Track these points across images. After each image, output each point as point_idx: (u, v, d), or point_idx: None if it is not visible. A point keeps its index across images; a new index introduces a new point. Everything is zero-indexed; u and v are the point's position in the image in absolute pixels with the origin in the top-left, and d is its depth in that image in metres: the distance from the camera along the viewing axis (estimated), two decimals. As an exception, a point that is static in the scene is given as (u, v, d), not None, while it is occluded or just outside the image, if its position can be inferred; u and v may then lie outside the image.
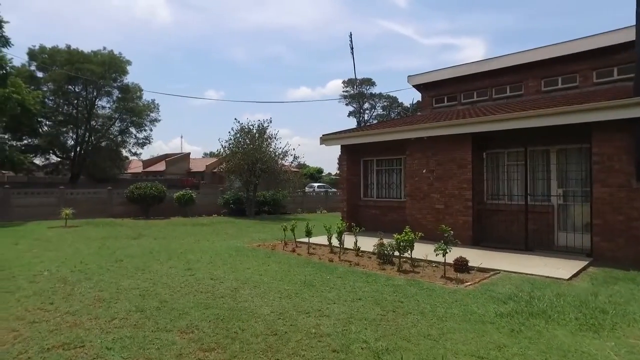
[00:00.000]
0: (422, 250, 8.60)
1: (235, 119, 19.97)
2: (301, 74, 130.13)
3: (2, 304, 5.56)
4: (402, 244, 8.38)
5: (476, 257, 8.68)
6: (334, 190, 33.75)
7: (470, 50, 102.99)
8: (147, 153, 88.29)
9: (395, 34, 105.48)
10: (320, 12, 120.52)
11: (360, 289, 6.61)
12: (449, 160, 11.90)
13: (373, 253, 9.90)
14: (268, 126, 20.92)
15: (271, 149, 20.85)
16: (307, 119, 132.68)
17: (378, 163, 14.98)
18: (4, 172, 44.41)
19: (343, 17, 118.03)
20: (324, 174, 59.73)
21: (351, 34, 35.00)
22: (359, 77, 59.56)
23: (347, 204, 14.87)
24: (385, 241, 9.34)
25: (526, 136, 10.56)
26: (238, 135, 20.71)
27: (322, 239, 11.35)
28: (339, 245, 10.31)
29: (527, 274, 7.72)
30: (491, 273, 7.87)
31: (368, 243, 10.27)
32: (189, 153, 64.36)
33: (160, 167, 58.58)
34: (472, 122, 10.86)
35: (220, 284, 6.80)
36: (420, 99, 18.38)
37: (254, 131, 20.72)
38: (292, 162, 22.10)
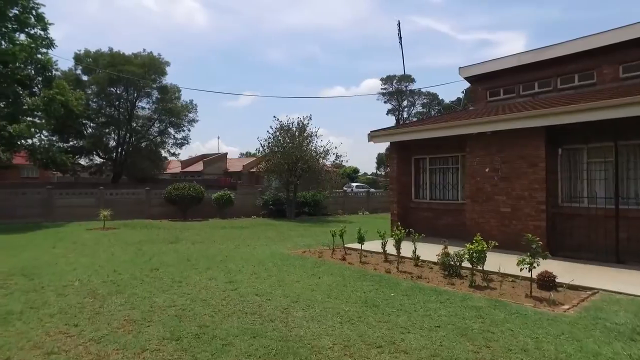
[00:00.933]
0: (489, 261, 7.34)
1: (274, 116, 19.28)
2: (335, 73, 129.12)
3: (23, 325, 4.81)
4: (474, 254, 7.15)
5: (559, 271, 7.31)
6: (372, 190, 32.47)
7: (509, 46, 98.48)
8: (185, 154, 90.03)
9: (431, 30, 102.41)
10: (354, 11, 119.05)
11: (435, 311, 5.46)
12: (518, 158, 10.48)
13: (434, 263, 8.73)
14: (308, 124, 20.02)
15: (312, 148, 19.90)
16: (341, 118, 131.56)
17: (431, 161, 13.68)
18: (53, 172, 46.00)
19: (376, 15, 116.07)
20: (359, 174, 58.43)
21: (399, 23, 32.71)
22: (394, 74, 57.89)
23: (398, 206, 13.66)
24: (451, 250, 8.12)
25: (614, 129, 9.02)
26: (277, 133, 19.89)
27: (373, 245, 10.24)
28: (395, 254, 9.18)
29: (636, 295, 6.30)
30: (588, 293, 6.50)
31: (424, 250, 9.11)
32: (226, 153, 64.84)
33: (198, 167, 59.19)
34: (549, 113, 9.41)
35: (267, 301, 5.83)
36: (463, 93, 16.80)
37: (294, 129, 19.84)
38: (334, 161, 21.04)
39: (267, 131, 20.10)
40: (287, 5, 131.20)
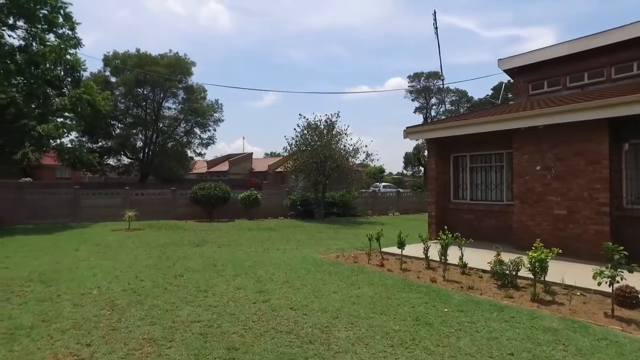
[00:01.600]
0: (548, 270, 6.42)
1: (300, 114, 18.31)
2: (359, 73, 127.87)
3: (31, 343, 4.24)
4: (536, 263, 6.24)
5: (635, 284, 6.29)
6: (402, 190, 31.34)
7: (539, 42, 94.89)
8: (211, 154, 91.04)
9: (456, 28, 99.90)
10: (377, 10, 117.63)
11: (502, 333, 4.61)
12: (575, 154, 9.43)
13: (483, 271, 7.87)
14: (336, 121, 19.25)
15: (341, 146, 19.13)
16: (365, 118, 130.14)
17: (472, 159, 12.69)
18: (85, 173, 46.85)
19: (400, 13, 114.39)
20: (385, 174, 57.25)
21: (435, 12, 30.69)
22: (421, 71, 56.40)
23: (436, 207, 12.72)
24: (506, 258, 7.21)
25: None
26: (305, 131, 19.21)
27: (412, 250, 9.42)
28: (438, 260, 8.34)
29: None
30: (681, 312, 5.49)
31: (469, 256, 8.30)
32: (252, 153, 64.81)
33: (224, 167, 59.31)
34: (618, 103, 8.34)
35: (303, 317, 5.11)
36: (502, 89, 15.68)
37: (321, 127, 19.11)
38: (364, 160, 20.20)
39: (294, 129, 19.47)
40: (310, 7, 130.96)
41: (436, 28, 32.24)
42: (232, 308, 5.45)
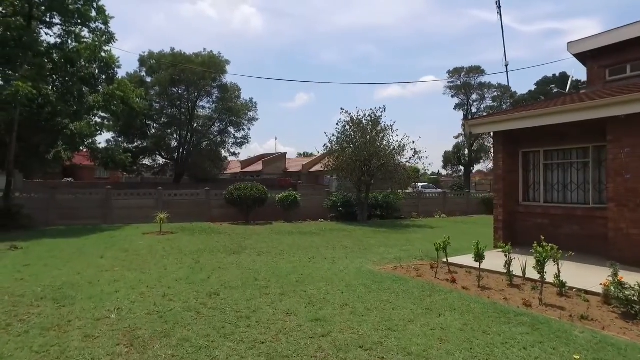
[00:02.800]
0: None
1: (342, 108, 16.75)
2: (391, 72, 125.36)
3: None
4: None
5: None
6: (445, 191, 29.35)
7: (582, 34, 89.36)
8: (244, 154, 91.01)
9: (489, 23, 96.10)
10: (409, 8, 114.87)
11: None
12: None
13: (586, 292, 6.31)
14: (381, 116, 17.75)
15: (385, 143, 17.63)
16: (400, 117, 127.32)
17: (547, 155, 10.91)
18: (122, 173, 47.36)
19: (432, 11, 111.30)
20: (420, 174, 55.01)
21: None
22: (462, 66, 53.68)
23: (504, 210, 11.02)
24: (599, 274, 5.58)
25: None
26: (347, 127, 17.82)
27: (488, 263, 7.86)
28: (521, 275, 6.84)
29: None
30: None
31: (550, 270, 6.60)
32: (285, 153, 64.06)
33: (257, 167, 58.81)
34: None
35: (383, 366, 3.69)
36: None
37: (365, 122, 17.66)
38: (411, 158, 18.58)
39: (335, 125, 18.10)
40: (341, 7, 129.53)
41: (499, 7, 29.83)
42: (283, 345, 4.12)
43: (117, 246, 10.30)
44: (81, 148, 17.38)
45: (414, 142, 17.97)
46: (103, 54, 20.07)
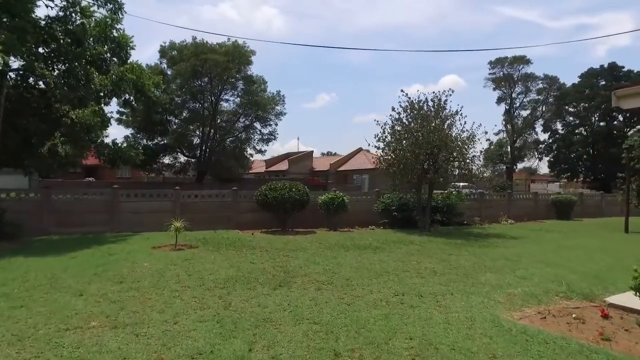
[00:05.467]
0: None
1: (402, 90, 13.25)
2: (414, 71, 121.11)
3: None
4: None
5: None
6: (509, 192, 25.50)
7: (614, 28, 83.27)
8: (268, 153, 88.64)
9: (518, 20, 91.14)
10: (433, 7, 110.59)
11: None
12: None
13: None
14: (447, 100, 14.25)
15: (456, 132, 14.18)
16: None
17: None
18: (145, 173, 45.12)
19: (457, 9, 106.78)
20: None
21: None
22: (505, 56, 49.26)
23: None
24: None
25: None
26: (403, 114, 14.43)
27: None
28: None
29: None
30: None
31: None
32: (312, 151, 60.92)
33: (283, 166, 55.90)
34: None
35: None
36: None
37: (426, 108, 14.23)
38: (486, 149, 15.08)
39: (390, 113, 14.73)
40: (364, 7, 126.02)
41: None
42: None
43: (112, 271, 7.18)
44: (86, 142, 14.48)
45: (486, 132, 14.44)
46: (115, 33, 17.33)
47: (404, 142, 14.18)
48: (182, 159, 39.26)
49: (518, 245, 11.50)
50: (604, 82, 46.91)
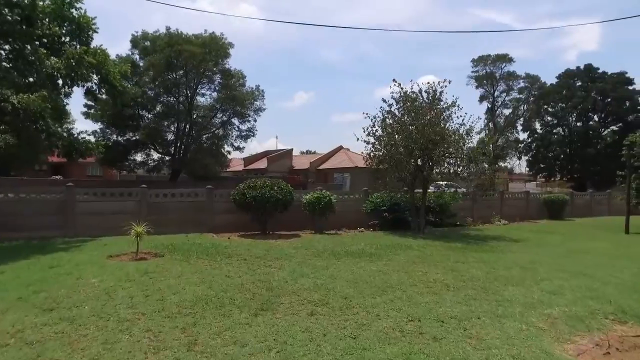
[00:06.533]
0: None
1: (394, 80, 12.00)
2: (392, 71, 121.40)
3: None
4: None
5: None
6: (502, 191, 24.66)
7: (582, 34, 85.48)
8: (245, 152, 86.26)
9: (493, 23, 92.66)
10: (411, 8, 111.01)
11: None
12: None
13: None
14: (442, 91, 13.12)
15: (454, 126, 13.07)
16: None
17: None
18: (119, 171, 42.58)
19: (435, 10, 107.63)
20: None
21: None
22: (487, 54, 48.95)
23: None
24: None
25: None
26: (396, 107, 13.24)
27: None
28: None
29: None
30: None
31: None
32: (292, 149, 59.26)
33: (262, 164, 54.17)
34: None
35: None
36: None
37: (420, 99, 13.07)
38: (480, 145, 14.08)
39: (381, 105, 13.51)
40: (342, 6, 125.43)
41: None
42: None
43: (46, 292, 5.62)
44: (32, 132, 12.66)
45: (484, 128, 13.47)
46: (74, 13, 15.59)
47: (397, 136, 12.97)
48: (156, 156, 37.11)
49: (524, 249, 10.44)
50: (580, 83, 47.21)
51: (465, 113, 13.39)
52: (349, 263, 8.01)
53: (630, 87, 44.15)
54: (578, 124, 47.02)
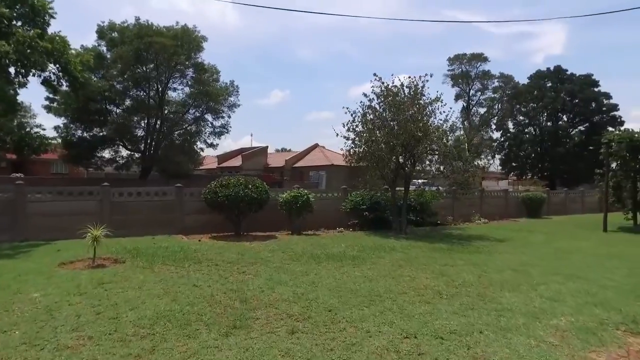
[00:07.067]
0: None
1: (375, 74, 11.44)
2: (367, 70, 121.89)
3: None
4: None
5: None
6: (482, 189, 24.60)
7: (550, 37, 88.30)
8: (220, 148, 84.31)
9: (464, 25, 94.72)
10: (386, 7, 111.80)
11: None
12: None
13: None
14: (424, 86, 12.64)
15: (433, 121, 12.60)
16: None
17: None
18: (87, 169, 40.46)
19: (408, 10, 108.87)
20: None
21: None
22: (463, 52, 49.29)
23: None
24: None
25: None
26: (376, 102, 12.68)
27: None
28: None
29: None
30: None
31: None
32: (267, 147, 58.24)
33: (236, 162, 52.93)
34: None
35: None
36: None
37: (402, 95, 12.54)
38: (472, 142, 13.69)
39: (361, 100, 12.96)
40: (318, 5, 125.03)
41: None
42: None
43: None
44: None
45: (465, 123, 13.06)
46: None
47: (378, 131, 12.42)
48: (125, 152, 35.45)
49: (510, 250, 10.06)
50: (550, 84, 48.19)
51: (450, 108, 12.86)
52: (331, 268, 7.37)
53: (596, 89, 45.30)
54: (548, 123, 47.98)
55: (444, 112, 12.81)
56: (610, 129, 44.92)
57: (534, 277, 6.90)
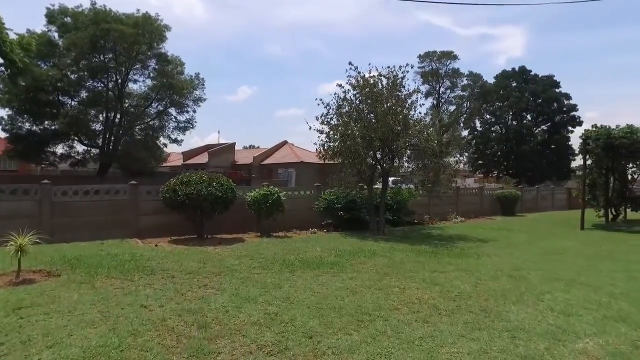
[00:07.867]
0: None
1: (350, 62, 10.52)
2: (338, 68, 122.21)
3: None
4: None
5: None
6: (458, 187, 24.21)
7: (510, 40, 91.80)
8: (184, 146, 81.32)
9: (431, 25, 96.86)
10: (356, 6, 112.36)
11: None
12: None
13: None
14: (404, 77, 11.86)
15: (412, 115, 11.86)
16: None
17: None
18: (40, 165, 37.54)
19: (379, 10, 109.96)
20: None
21: None
22: (434, 50, 49.42)
23: None
24: None
25: None
26: (352, 93, 11.81)
27: None
28: None
29: None
30: None
31: None
32: (234, 143, 56.47)
33: (202, 159, 50.99)
34: None
35: None
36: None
37: (381, 86, 11.70)
38: (450, 140, 13.10)
39: (335, 91, 12.08)
40: (287, 1, 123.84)
41: None
42: None
43: None
44: None
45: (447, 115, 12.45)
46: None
47: (354, 125, 11.53)
48: (81, 148, 33.17)
49: (496, 251, 9.43)
50: (515, 84, 49.10)
51: (422, 104, 12.21)
52: (307, 278, 6.40)
53: (557, 90, 46.45)
54: (514, 122, 48.92)
55: (423, 104, 12.12)
56: (569, 127, 46.67)
57: (534, 285, 6.20)
